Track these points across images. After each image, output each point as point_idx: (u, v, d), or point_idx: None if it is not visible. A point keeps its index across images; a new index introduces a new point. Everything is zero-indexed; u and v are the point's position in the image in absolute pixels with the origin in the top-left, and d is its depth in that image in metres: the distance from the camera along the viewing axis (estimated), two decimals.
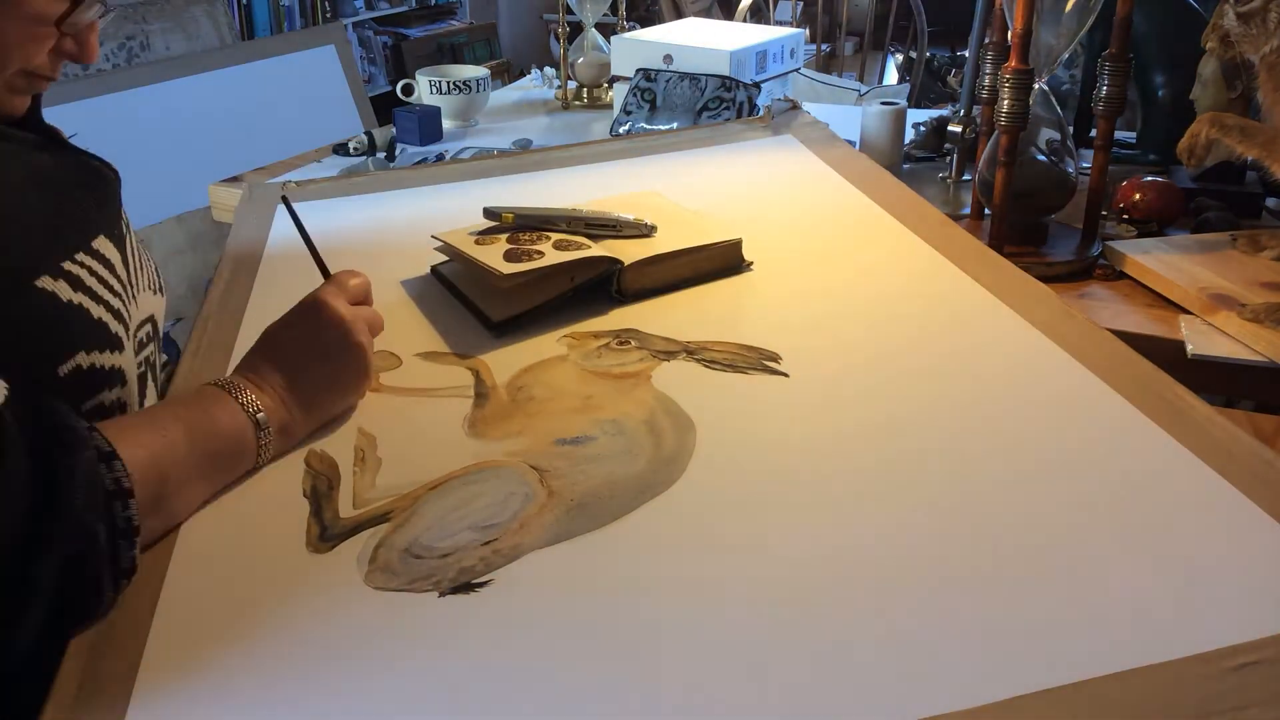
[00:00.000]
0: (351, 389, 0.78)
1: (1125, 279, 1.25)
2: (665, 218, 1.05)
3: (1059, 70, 1.49)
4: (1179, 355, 1.08)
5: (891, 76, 3.92)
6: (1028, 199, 1.27)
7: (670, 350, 0.87)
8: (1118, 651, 0.53)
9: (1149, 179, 1.39)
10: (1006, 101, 1.18)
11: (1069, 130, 1.33)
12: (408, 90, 1.99)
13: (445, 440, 0.75)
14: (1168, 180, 1.40)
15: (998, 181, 1.21)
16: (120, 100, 3.04)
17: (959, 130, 1.58)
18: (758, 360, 0.84)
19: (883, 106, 1.61)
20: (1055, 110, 1.28)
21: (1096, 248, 1.29)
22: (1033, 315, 0.88)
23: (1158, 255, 1.24)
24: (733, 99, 1.67)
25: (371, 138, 1.79)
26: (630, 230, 1.01)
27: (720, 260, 1.01)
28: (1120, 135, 1.62)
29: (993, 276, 0.96)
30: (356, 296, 0.79)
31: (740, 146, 1.38)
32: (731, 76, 1.70)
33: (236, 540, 0.65)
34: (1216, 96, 1.39)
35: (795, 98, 1.72)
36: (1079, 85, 1.63)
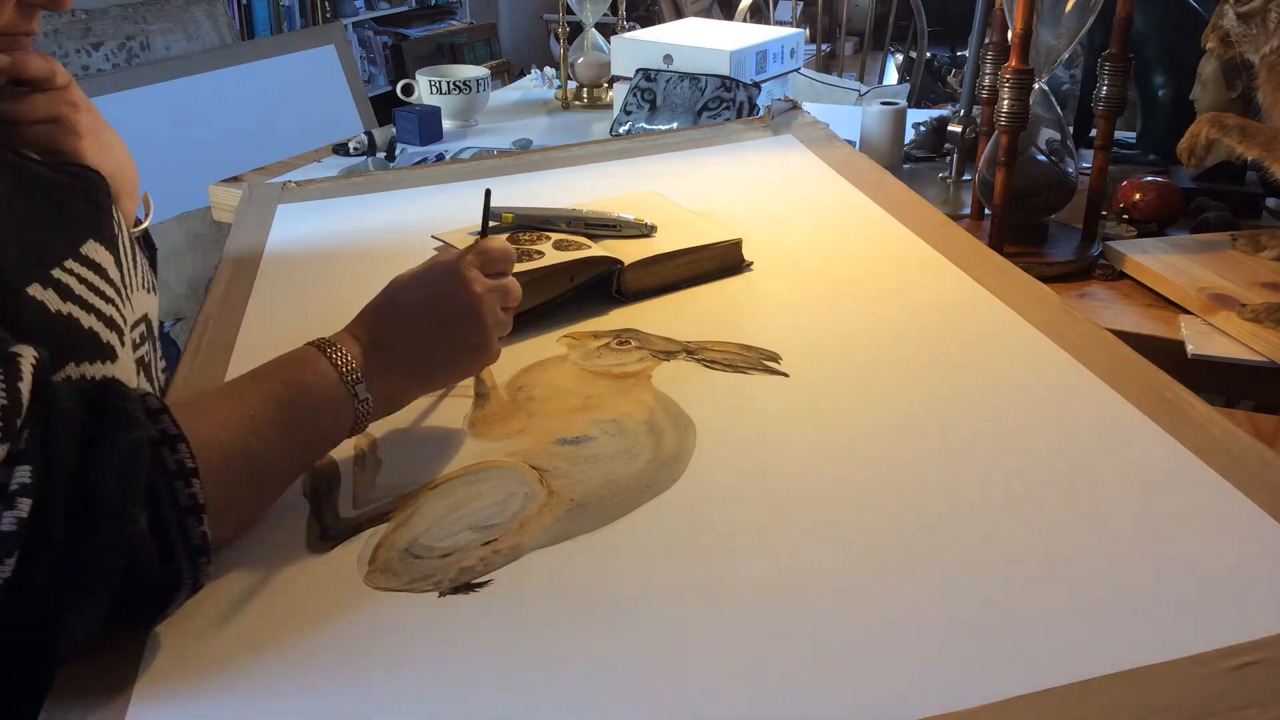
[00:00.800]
0: (468, 363, 0.74)
1: (1125, 279, 1.25)
2: (665, 218, 1.05)
3: (1059, 70, 1.49)
4: (1179, 355, 1.08)
5: (891, 76, 3.92)
6: (1028, 199, 1.27)
7: (670, 350, 0.87)
8: (1118, 651, 0.53)
9: (1149, 179, 1.39)
10: (1006, 101, 1.18)
11: (1069, 130, 1.33)
12: (408, 90, 1.99)
13: (445, 440, 0.75)
14: (1168, 180, 1.40)
15: (998, 181, 1.21)
16: (120, 100, 3.04)
17: (959, 130, 1.58)
18: (758, 360, 0.84)
19: (883, 106, 1.61)
20: (1055, 110, 1.28)
21: (1096, 248, 1.29)
22: (1033, 315, 0.88)
23: (1158, 255, 1.24)
24: (733, 99, 1.67)
25: (371, 138, 1.79)
26: (630, 230, 1.02)
27: (720, 260, 1.01)
28: (1120, 135, 1.62)
29: (993, 276, 0.96)
30: (495, 267, 0.75)
31: (740, 146, 1.38)
32: (731, 76, 1.70)
33: (237, 540, 0.65)
34: (1216, 96, 1.39)
35: (795, 98, 1.72)
36: (1079, 85, 1.63)
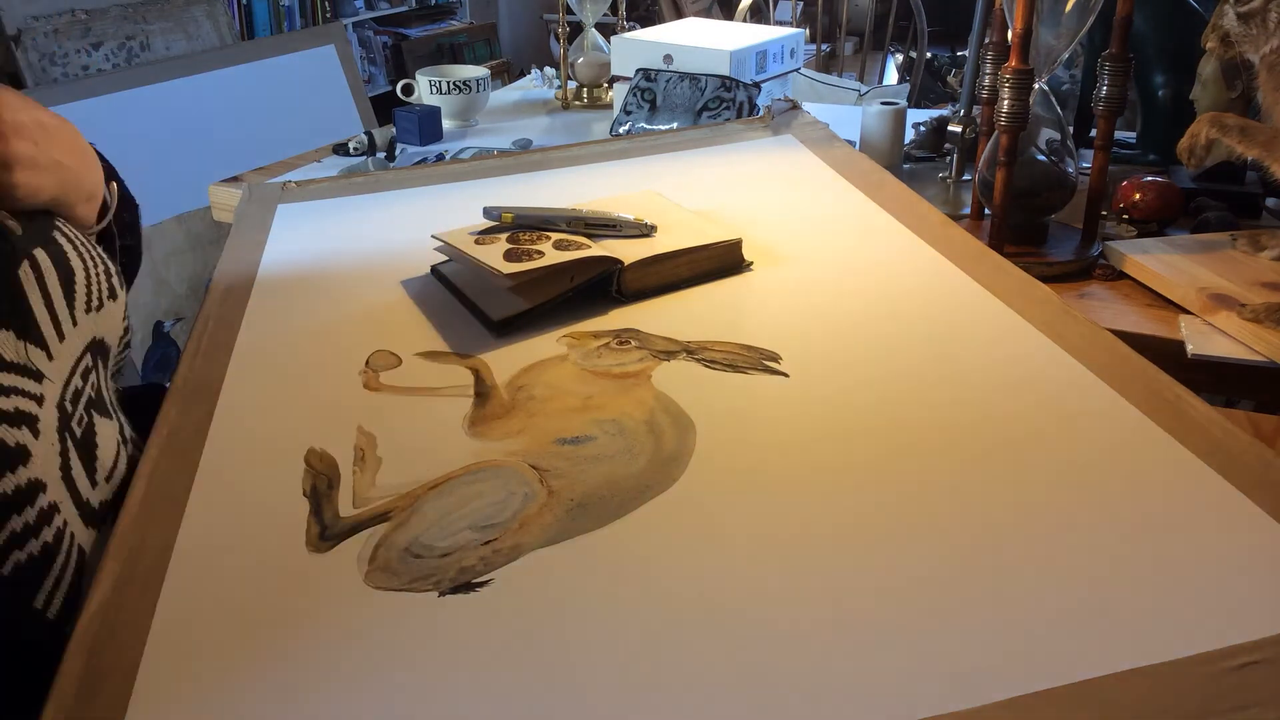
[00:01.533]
0: None
1: (1125, 279, 1.25)
2: (665, 218, 1.05)
3: (1059, 70, 1.49)
4: (1179, 355, 1.08)
5: (891, 76, 3.92)
6: (1028, 199, 1.27)
7: (670, 350, 0.87)
8: (1118, 651, 0.53)
9: (1149, 179, 1.39)
10: (1006, 101, 1.18)
11: (1069, 130, 1.33)
12: (408, 90, 1.99)
13: (445, 440, 0.75)
14: (1168, 180, 1.40)
15: (998, 181, 1.21)
16: (120, 100, 3.04)
17: (959, 130, 1.58)
18: (758, 360, 0.84)
19: (883, 106, 1.61)
20: (1055, 110, 1.28)
21: (1096, 248, 1.29)
22: (1033, 315, 0.88)
23: (1158, 255, 1.24)
24: (733, 99, 1.67)
25: (371, 138, 1.79)
26: (630, 230, 1.02)
27: (720, 260, 1.01)
28: (1120, 135, 1.62)
29: (993, 276, 0.96)
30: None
31: (740, 146, 1.38)
32: (731, 76, 1.70)
33: (236, 540, 0.65)
34: (1216, 96, 1.39)
35: (795, 98, 1.72)
36: (1079, 85, 1.63)
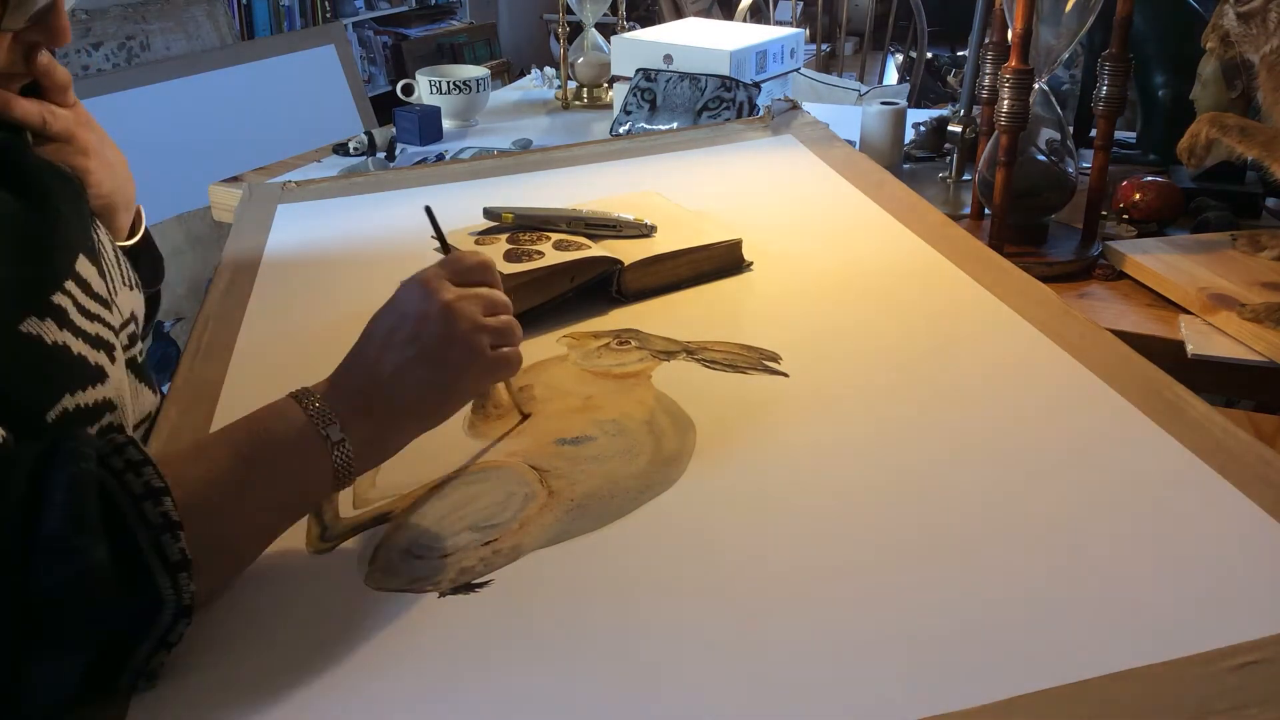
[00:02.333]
0: (458, 384, 0.64)
1: (1125, 279, 1.24)
2: (665, 218, 1.05)
3: (1059, 70, 1.49)
4: (1179, 355, 1.08)
5: (891, 76, 3.92)
6: (1028, 199, 1.27)
7: (670, 350, 0.87)
8: (1118, 651, 0.53)
9: (1149, 179, 1.39)
10: (1006, 101, 1.18)
11: (1069, 130, 1.33)
12: (408, 90, 1.98)
13: (445, 440, 0.75)
14: (1168, 180, 1.40)
15: (998, 181, 1.21)
16: (120, 100, 3.04)
17: (959, 130, 1.58)
18: (758, 360, 0.84)
19: (883, 106, 1.61)
20: (1055, 110, 1.28)
21: (1096, 248, 1.29)
22: (1033, 315, 0.88)
23: (1158, 255, 1.24)
24: (733, 99, 1.67)
25: (371, 138, 1.79)
26: (630, 230, 1.01)
27: (720, 260, 1.01)
28: (1120, 135, 1.62)
29: (993, 276, 0.96)
30: (468, 278, 0.66)
31: (740, 146, 1.38)
32: (731, 76, 1.70)
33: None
34: (1216, 96, 1.39)
35: (795, 98, 1.72)
36: (1079, 85, 1.63)
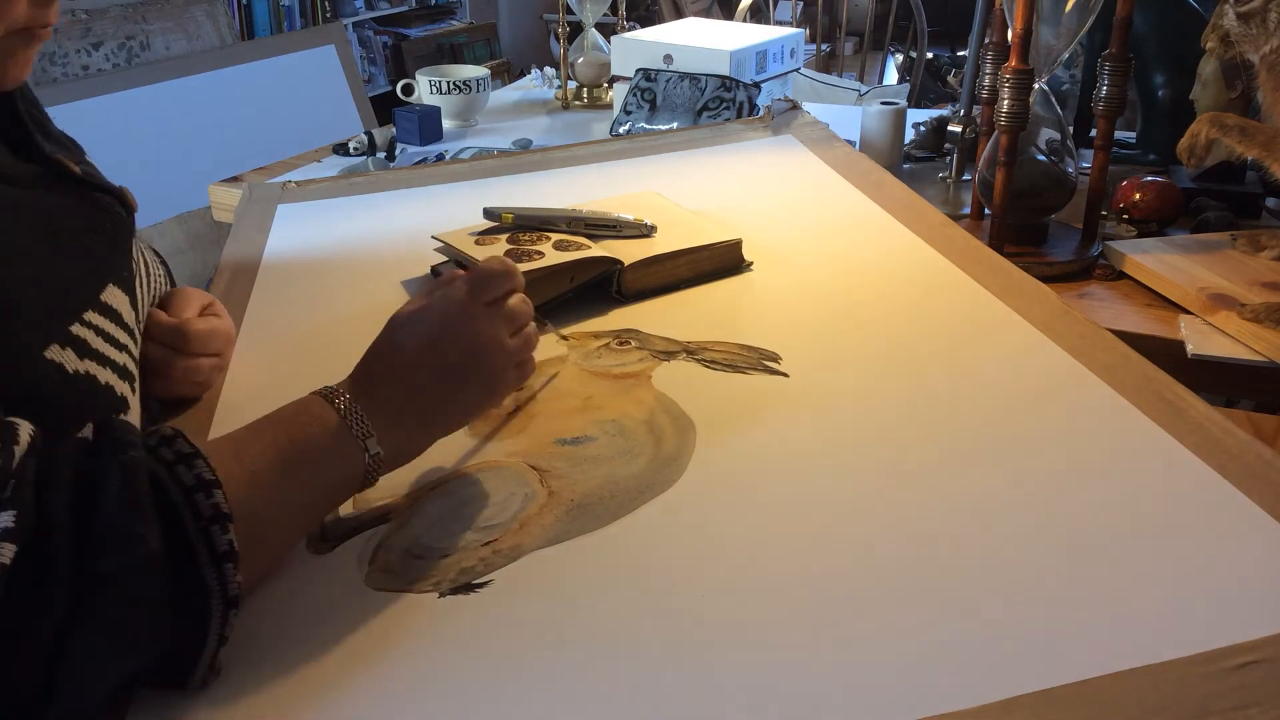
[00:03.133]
0: (480, 399, 0.67)
1: (1125, 279, 1.24)
2: (665, 218, 1.05)
3: (1059, 70, 1.49)
4: (1179, 355, 1.08)
5: (891, 76, 3.92)
6: (1028, 199, 1.27)
7: (670, 350, 0.87)
8: (1118, 651, 0.53)
9: (1149, 179, 1.39)
10: (1006, 101, 1.18)
11: (1069, 130, 1.33)
12: (408, 90, 1.99)
13: (445, 440, 0.75)
14: (1168, 180, 1.40)
15: (998, 181, 1.21)
16: (120, 100, 3.04)
17: (959, 130, 1.58)
18: (758, 360, 0.84)
19: (883, 106, 1.61)
20: (1055, 110, 1.28)
21: (1096, 248, 1.29)
22: (1033, 315, 0.88)
23: (1158, 255, 1.24)
24: (733, 99, 1.67)
25: (371, 138, 1.79)
26: (630, 230, 1.02)
27: (720, 260, 1.01)
28: (1120, 135, 1.62)
29: (992, 276, 0.96)
30: (494, 290, 0.67)
31: (740, 146, 1.38)
32: (731, 76, 1.70)
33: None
34: (1216, 96, 1.39)
35: (795, 98, 1.72)
36: (1079, 85, 1.63)
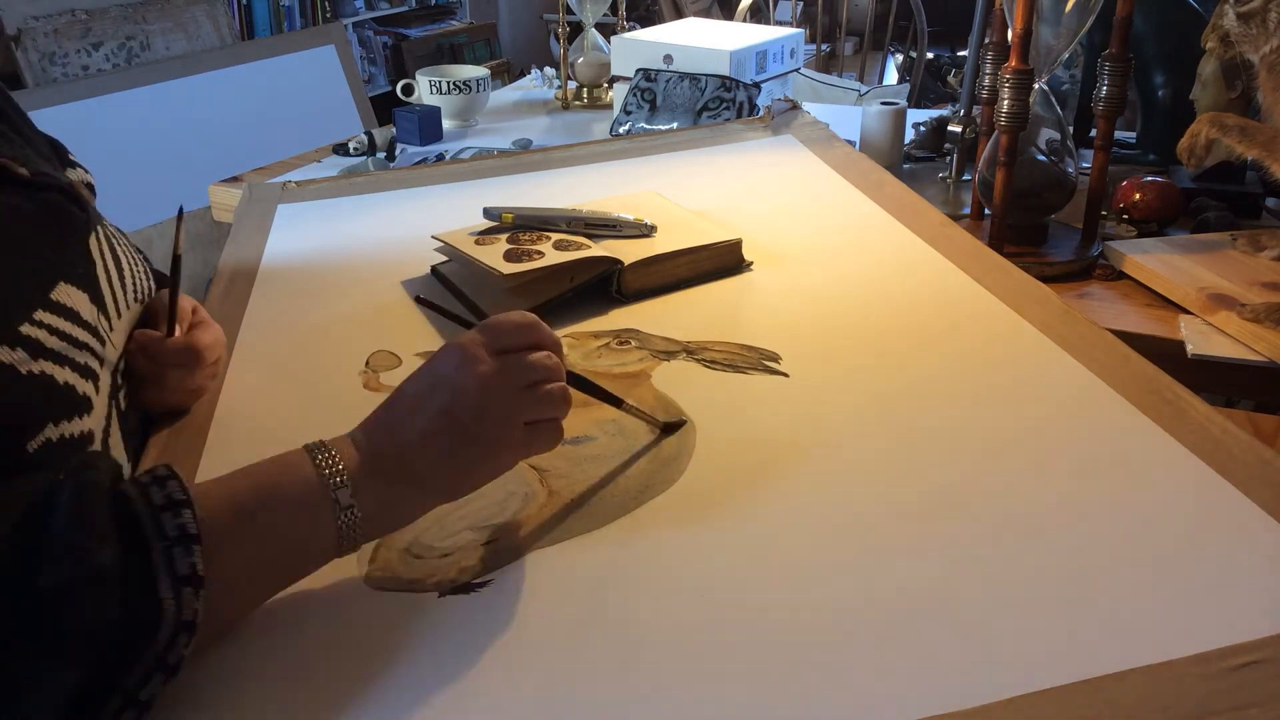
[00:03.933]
0: (486, 462, 0.61)
1: (1125, 279, 1.24)
2: (665, 218, 1.05)
3: (1059, 70, 1.49)
4: (1179, 355, 1.08)
5: (891, 76, 3.92)
6: (1028, 199, 1.27)
7: (670, 350, 0.87)
8: (1118, 651, 0.53)
9: (1149, 179, 1.39)
10: (1006, 101, 1.18)
11: (1069, 130, 1.32)
12: (408, 90, 1.99)
13: None
14: (1168, 180, 1.40)
15: (998, 181, 1.21)
16: (120, 100, 3.04)
17: (959, 130, 1.58)
18: (758, 360, 0.84)
19: (883, 106, 1.61)
20: (1055, 110, 1.28)
21: (1096, 248, 1.29)
22: (1033, 315, 0.88)
23: (1158, 255, 1.24)
24: (733, 99, 1.67)
25: (371, 138, 1.79)
26: (630, 230, 1.02)
27: (720, 260, 1.01)
28: (1120, 135, 1.62)
29: (993, 276, 0.96)
30: (506, 341, 0.61)
31: (740, 146, 1.38)
32: (731, 76, 1.70)
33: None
34: (1216, 96, 1.39)
35: (795, 98, 1.72)
36: (1079, 85, 1.63)
